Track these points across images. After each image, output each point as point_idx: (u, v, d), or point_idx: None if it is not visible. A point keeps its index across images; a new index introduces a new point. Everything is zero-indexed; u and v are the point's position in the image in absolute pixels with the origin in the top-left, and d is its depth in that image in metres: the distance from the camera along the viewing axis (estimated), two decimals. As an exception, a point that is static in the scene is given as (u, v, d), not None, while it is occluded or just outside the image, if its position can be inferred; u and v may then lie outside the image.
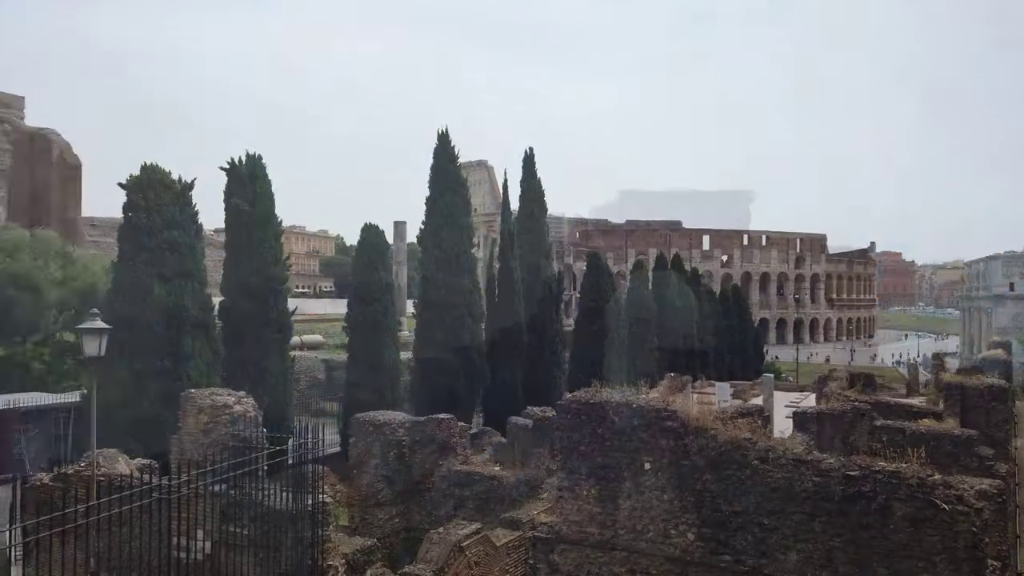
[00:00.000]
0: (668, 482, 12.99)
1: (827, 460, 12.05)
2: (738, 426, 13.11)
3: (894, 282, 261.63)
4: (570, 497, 13.90)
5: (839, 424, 19.44)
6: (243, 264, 27.11)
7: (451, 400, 31.99)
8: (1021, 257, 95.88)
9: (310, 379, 45.13)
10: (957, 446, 18.30)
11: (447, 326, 33.05)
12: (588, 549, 13.74)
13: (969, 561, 10.89)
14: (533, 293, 40.15)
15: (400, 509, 22.00)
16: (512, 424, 24.71)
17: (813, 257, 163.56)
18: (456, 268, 33.60)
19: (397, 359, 32.36)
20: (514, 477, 21.44)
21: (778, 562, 12.07)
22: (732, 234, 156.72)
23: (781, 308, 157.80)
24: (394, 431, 21.88)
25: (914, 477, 11.32)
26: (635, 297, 55.68)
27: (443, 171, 34.70)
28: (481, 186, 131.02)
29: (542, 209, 42.79)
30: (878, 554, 11.37)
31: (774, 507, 12.12)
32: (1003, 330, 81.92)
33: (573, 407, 13.91)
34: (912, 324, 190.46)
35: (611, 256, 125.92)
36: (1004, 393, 23.88)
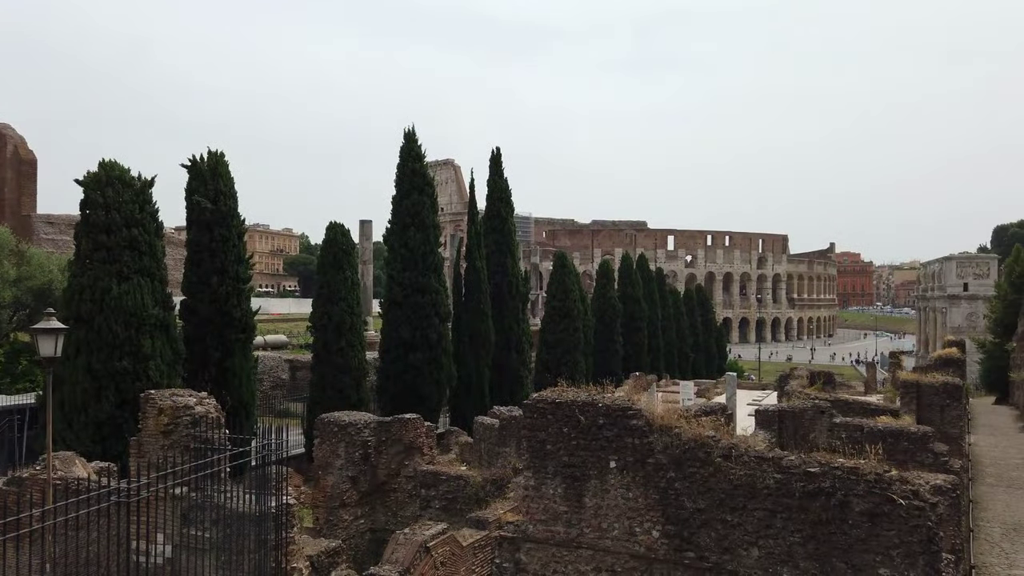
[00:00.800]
0: (633, 480, 13.09)
1: (788, 457, 12.24)
2: (702, 424, 13.26)
3: (853, 282, 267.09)
4: (536, 496, 13.94)
5: (800, 421, 19.81)
6: (205, 263, 26.67)
7: (417, 400, 31.89)
8: (974, 258, 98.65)
9: (274, 379, 44.57)
10: (913, 443, 18.75)
11: (413, 326, 32.91)
12: (554, 548, 13.79)
13: (925, 555, 11.15)
14: (500, 293, 40.17)
15: (365, 510, 21.85)
16: (479, 424, 24.70)
17: (775, 257, 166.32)
18: (423, 267, 33.47)
19: (363, 359, 32.12)
20: (480, 477, 21.43)
21: (740, 558, 12.24)
22: (696, 234, 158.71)
23: (744, 307, 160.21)
24: (359, 432, 21.71)
25: (872, 473, 11.55)
26: (601, 297, 56.10)
27: (409, 170, 34.55)
28: (448, 185, 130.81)
29: (509, 209, 42.82)
30: (837, 549, 11.59)
31: (737, 504, 12.28)
32: (957, 329, 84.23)
33: (539, 406, 13.93)
34: (870, 323, 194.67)
35: (577, 256, 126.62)
36: (958, 391, 24.59)
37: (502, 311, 39.93)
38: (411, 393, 32.42)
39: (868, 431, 18.92)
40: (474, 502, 20.59)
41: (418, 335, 32.86)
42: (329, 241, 32.22)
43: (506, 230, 41.85)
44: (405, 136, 35.19)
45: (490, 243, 40.83)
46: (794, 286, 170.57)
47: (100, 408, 22.41)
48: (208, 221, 26.67)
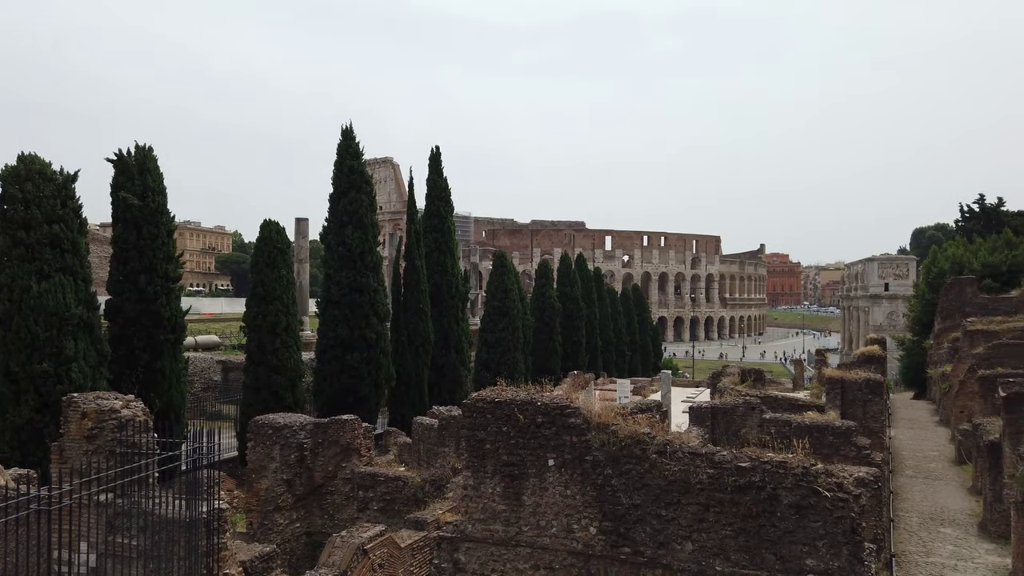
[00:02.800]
0: (571, 478, 13.25)
1: (720, 452, 12.59)
2: (638, 421, 13.52)
3: (782, 282, 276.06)
4: (475, 495, 13.96)
5: (731, 418, 20.38)
6: (132, 261, 25.77)
7: (355, 401, 31.50)
8: (895, 260, 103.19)
9: (205, 381, 43.33)
10: (838, 437, 19.49)
11: (351, 325, 32.48)
12: (493, 547, 13.84)
13: (848, 545, 11.64)
14: (439, 292, 40.01)
15: (301, 513, 21.48)
16: (418, 424, 24.56)
17: (708, 258, 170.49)
18: (361, 266, 33.07)
19: (299, 360, 31.54)
20: (419, 477, 21.32)
21: (675, 552, 12.53)
22: (633, 235, 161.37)
23: (678, 307, 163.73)
24: (295, 434, 21.33)
25: (799, 467, 11.99)
26: (540, 296, 56.48)
27: (347, 168, 34.07)
28: (387, 183, 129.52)
29: (448, 208, 42.68)
30: (766, 541, 11.98)
31: (671, 499, 12.57)
32: (879, 327, 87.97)
33: (479, 406, 13.97)
34: (798, 322, 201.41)
35: (517, 256, 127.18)
36: (879, 387, 25.69)
37: (441, 310, 39.78)
38: (349, 394, 32.00)
39: (796, 426, 19.59)
40: (413, 503, 20.46)
41: (356, 335, 32.45)
42: (264, 239, 31.51)
43: (446, 229, 41.69)
44: (343, 133, 34.69)
45: (429, 242, 40.63)
46: (726, 286, 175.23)
47: (18, 412, 21.42)
48: (135, 218, 25.77)
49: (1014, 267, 50.72)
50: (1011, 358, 30.22)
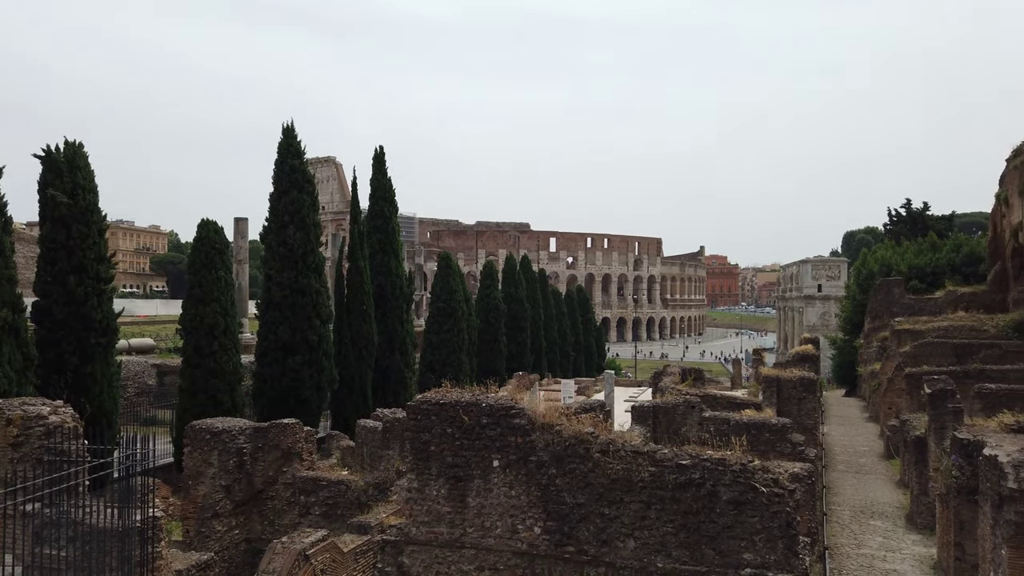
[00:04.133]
0: (516, 478, 13.30)
1: (661, 451, 12.82)
2: (581, 421, 13.66)
3: (721, 283, 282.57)
4: (419, 498, 13.89)
5: (672, 416, 20.73)
6: (61, 261, 24.79)
7: (297, 404, 30.98)
8: (827, 262, 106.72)
9: (139, 385, 41.95)
10: (774, 434, 20.04)
11: (293, 327, 31.91)
12: (437, 549, 13.79)
13: (784, 539, 12.00)
14: (384, 293, 39.65)
15: (240, 520, 21.01)
16: (361, 427, 24.28)
17: (650, 259, 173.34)
18: (302, 267, 32.50)
19: (238, 363, 30.82)
20: (363, 481, 21.10)
21: (618, 550, 12.71)
22: (577, 236, 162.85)
23: (621, 307, 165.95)
24: (234, 438, 20.85)
25: (737, 463, 12.30)
26: (485, 298, 56.52)
27: (288, 167, 33.45)
28: (329, 183, 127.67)
29: (393, 208, 42.32)
30: (706, 537, 12.26)
31: (614, 497, 12.74)
32: (812, 327, 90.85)
33: (423, 407, 13.90)
34: (736, 322, 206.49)
35: (462, 257, 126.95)
36: (813, 385, 26.51)
37: (386, 312, 39.42)
38: (290, 397, 31.43)
39: (734, 424, 20.06)
40: (356, 507, 20.25)
41: (297, 337, 31.89)
42: (201, 239, 30.70)
43: (390, 230, 41.33)
44: (284, 132, 34.06)
45: (373, 243, 40.22)
46: (667, 287, 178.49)
47: (-64, 420, 20.35)
48: (64, 217, 24.80)
49: (938, 269, 52.99)
50: (935, 356, 31.55)
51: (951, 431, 18.79)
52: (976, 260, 50.66)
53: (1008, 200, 38.95)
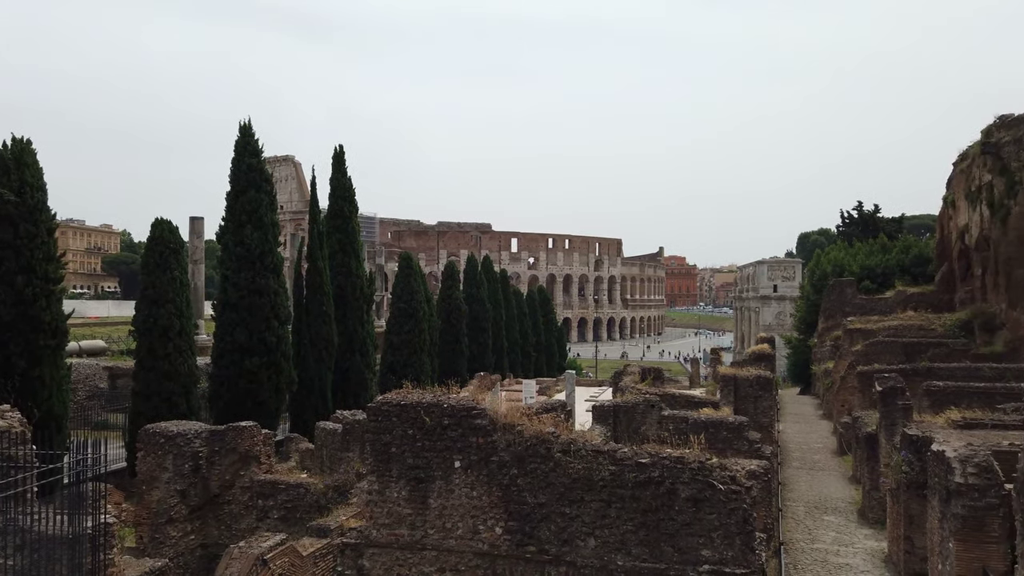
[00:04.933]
0: (477, 479, 13.30)
1: (622, 449, 12.95)
2: (543, 421, 13.72)
3: (679, 284, 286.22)
4: (380, 500, 13.80)
5: (632, 415, 20.95)
6: (8, 261, 24.04)
7: (255, 407, 30.53)
8: (782, 263, 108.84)
9: (90, 389, 40.90)
10: (731, 431, 20.39)
11: (250, 329, 31.42)
12: (398, 551, 13.72)
13: (741, 535, 12.21)
14: (343, 294, 39.26)
15: (196, 525, 20.61)
16: (321, 429, 24.00)
17: (610, 260, 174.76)
18: (260, 267, 32.03)
19: (193, 365, 30.25)
20: (322, 483, 20.88)
21: (578, 549, 12.79)
22: (538, 237, 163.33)
23: (582, 307, 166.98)
24: (189, 442, 20.45)
25: (695, 461, 12.48)
26: (447, 298, 56.36)
27: (245, 165, 32.94)
28: (288, 182, 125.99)
29: (353, 208, 41.94)
30: (665, 534, 12.41)
31: (575, 497, 12.82)
32: (768, 327, 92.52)
33: (384, 409, 13.81)
34: (694, 322, 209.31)
35: (423, 257, 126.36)
36: (769, 383, 27.04)
37: (346, 313, 39.05)
38: (248, 399, 30.94)
39: (692, 422, 20.36)
40: (315, 510, 20.03)
41: (255, 338, 31.41)
42: (155, 239, 30.06)
43: (350, 230, 40.96)
44: (241, 130, 33.52)
45: (333, 243, 39.81)
46: (627, 287, 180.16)
47: None
48: (11, 215, 24.06)
49: (888, 270, 54.48)
50: (886, 355, 32.43)
51: (901, 428, 19.35)
52: (924, 261, 52.21)
53: (955, 203, 40.23)
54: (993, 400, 21.72)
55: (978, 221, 35.41)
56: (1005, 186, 31.70)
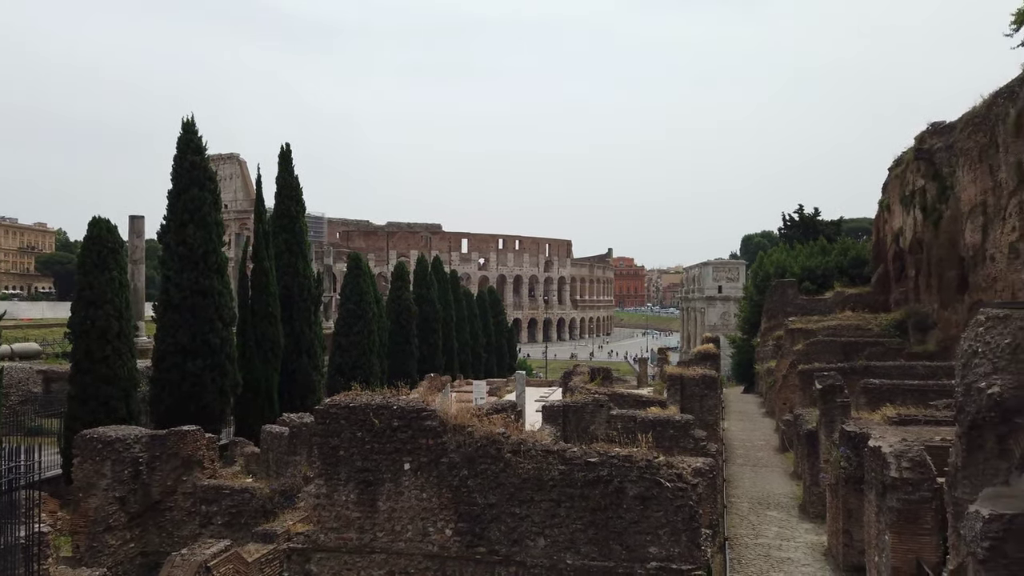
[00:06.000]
0: (427, 481, 13.25)
1: (571, 449, 13.06)
2: (493, 421, 13.74)
3: (627, 284, 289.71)
4: (328, 504, 13.63)
5: (582, 415, 21.13)
6: (-68, 260, 22.97)
7: (198, 410, 29.83)
8: (727, 264, 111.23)
9: (23, 393, 39.29)
10: (678, 430, 20.75)
11: (193, 330, 30.66)
12: (346, 555, 13.57)
13: (687, 532, 12.44)
14: (290, 295, 38.61)
15: (136, 532, 20.03)
16: (267, 432, 23.59)
17: (560, 261, 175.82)
18: (203, 268, 31.28)
19: (133, 368, 29.36)
20: (268, 488, 20.52)
21: (528, 549, 12.85)
22: (489, 238, 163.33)
23: (532, 308, 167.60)
24: (129, 448, 19.87)
25: (643, 460, 12.67)
26: (396, 299, 55.92)
27: (188, 163, 32.13)
28: (233, 181, 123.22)
29: (300, 207, 41.27)
30: (614, 532, 12.57)
31: (525, 497, 12.88)
32: (713, 327, 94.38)
33: (332, 411, 13.65)
34: (642, 322, 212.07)
35: (372, 258, 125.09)
36: (714, 382, 27.58)
37: (292, 314, 38.41)
38: (190, 403, 30.18)
39: (641, 421, 20.65)
40: (261, 515, 19.67)
41: (198, 340, 30.66)
42: (93, 238, 29.08)
43: (297, 230, 40.31)
44: (183, 126, 32.69)
45: (279, 243, 39.12)
46: (577, 288, 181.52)
47: None
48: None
49: (827, 271, 56.14)
50: (826, 353, 33.41)
51: (840, 425, 19.98)
52: (862, 263, 53.97)
53: (890, 207, 41.71)
54: (926, 397, 22.59)
55: (912, 224, 36.77)
56: (937, 191, 32.99)
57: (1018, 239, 25.06)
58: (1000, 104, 25.93)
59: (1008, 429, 10.10)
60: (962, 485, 10.69)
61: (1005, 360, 10.21)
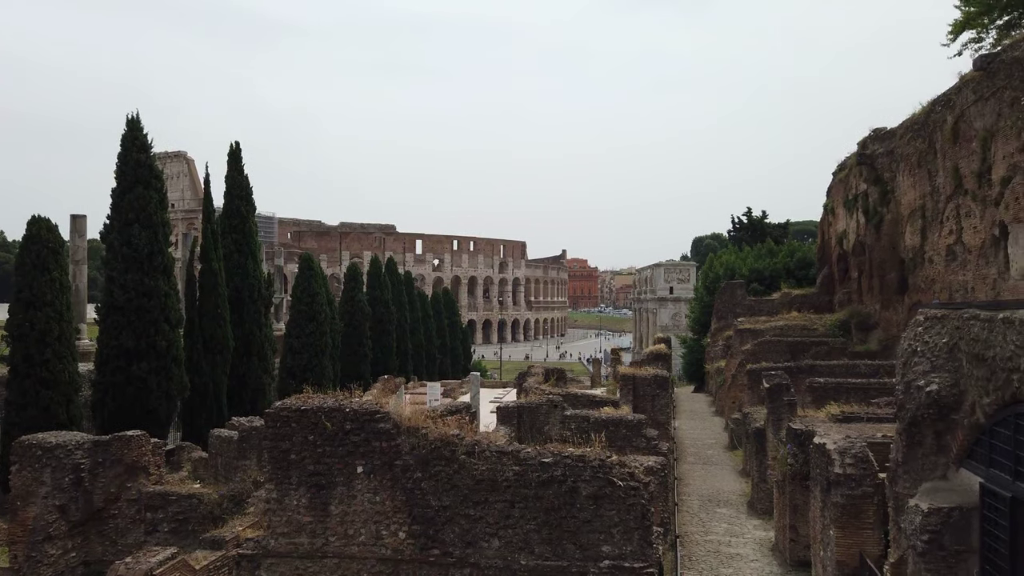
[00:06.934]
0: (381, 484, 13.14)
1: (525, 450, 13.10)
2: (447, 424, 13.70)
3: (581, 286, 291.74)
4: (279, 508, 13.42)
5: (536, 416, 21.22)
6: None
7: (143, 415, 29.08)
8: (678, 265, 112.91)
9: (-45, 399, 37.66)
10: (630, 429, 20.97)
11: (138, 333, 29.86)
12: (298, 560, 13.37)
13: (639, 530, 12.59)
14: (240, 296, 37.88)
15: (78, 541, 19.40)
16: (215, 437, 23.09)
17: (515, 262, 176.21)
18: (149, 268, 30.49)
19: (74, 372, 28.46)
20: (216, 493, 20.10)
21: (482, 550, 12.85)
22: (443, 239, 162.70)
23: (487, 309, 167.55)
24: (70, 454, 19.24)
25: (596, 459, 12.79)
26: (349, 300, 55.28)
27: (133, 161, 31.29)
28: (180, 179, 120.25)
29: (250, 207, 40.53)
30: (567, 532, 12.65)
31: (479, 498, 12.87)
32: (665, 327, 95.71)
33: (283, 415, 13.44)
34: (596, 323, 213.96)
35: (325, 258, 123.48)
36: (665, 382, 27.95)
37: (242, 316, 37.67)
38: (136, 407, 29.37)
39: (594, 421, 20.82)
40: (210, 521, 19.25)
41: (144, 343, 29.86)
42: (31, 237, 28.10)
43: (247, 230, 39.56)
44: (128, 123, 31.81)
45: (228, 243, 38.34)
46: (531, 289, 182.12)
47: None
48: None
49: (775, 273, 57.46)
50: (773, 353, 34.20)
51: (786, 423, 20.47)
52: (808, 264, 55.38)
53: (834, 210, 42.90)
54: (868, 395, 23.32)
55: (855, 227, 37.89)
56: (878, 195, 34.07)
57: (955, 242, 26.05)
58: (938, 112, 26.92)
59: (945, 425, 10.48)
60: (902, 480, 11.06)
61: (943, 359, 10.59)
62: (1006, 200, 21.88)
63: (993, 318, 9.29)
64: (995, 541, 9.37)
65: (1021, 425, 8.81)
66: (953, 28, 32.88)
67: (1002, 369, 8.99)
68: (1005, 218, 22.01)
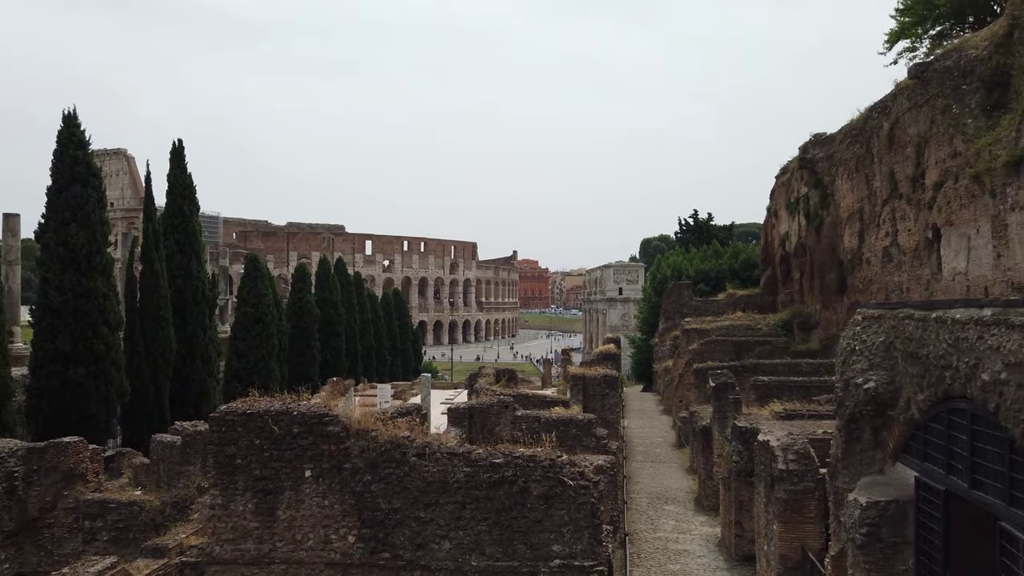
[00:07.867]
0: (329, 487, 12.98)
1: (476, 451, 13.10)
2: (398, 426, 13.61)
3: (532, 287, 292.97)
4: (224, 514, 13.13)
5: (487, 417, 21.21)
6: None
7: (80, 420, 28.16)
8: (627, 267, 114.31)
9: None
10: (581, 429, 21.13)
11: (75, 335, 28.88)
12: (244, 567, 13.11)
13: (589, 528, 12.71)
14: (183, 297, 36.95)
15: (11, 552, 18.64)
16: (157, 442, 22.44)
17: (466, 263, 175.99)
18: (87, 269, 29.52)
19: (7, 376, 27.39)
20: (159, 500, 19.54)
21: (433, 552, 12.80)
22: (394, 239, 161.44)
23: (438, 311, 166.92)
24: (2, 462, 18.47)
25: (547, 459, 12.86)
26: (297, 302, 54.41)
27: (70, 158, 30.27)
28: (119, 177, 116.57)
29: (193, 206, 39.58)
30: (518, 532, 12.69)
31: (430, 500, 12.82)
32: (614, 328, 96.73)
33: (228, 418, 13.16)
34: (546, 324, 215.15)
35: (272, 259, 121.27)
36: (615, 382, 28.23)
37: (185, 318, 36.75)
38: (73, 413, 28.41)
39: (545, 421, 20.91)
40: (151, 529, 18.70)
41: (81, 346, 28.89)
42: (-41, 236, 26.94)
43: (190, 230, 38.62)
44: (64, 119, 30.76)
45: (171, 243, 37.36)
46: (482, 290, 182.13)
47: None
48: None
49: (721, 274, 58.64)
50: (719, 352, 34.89)
51: (732, 420, 20.91)
52: (752, 266, 56.64)
53: (777, 212, 44.00)
54: (810, 392, 23.96)
55: (796, 229, 38.92)
56: (819, 198, 35.07)
57: (891, 244, 26.99)
58: (875, 118, 27.84)
59: (882, 421, 10.85)
60: (842, 475, 11.41)
61: (879, 357, 10.97)
62: (938, 204, 22.76)
63: (927, 317, 9.65)
64: (929, 533, 9.74)
65: (954, 421, 9.15)
66: (889, 37, 34.01)
67: (935, 366, 9.33)
68: (938, 221, 22.89)
